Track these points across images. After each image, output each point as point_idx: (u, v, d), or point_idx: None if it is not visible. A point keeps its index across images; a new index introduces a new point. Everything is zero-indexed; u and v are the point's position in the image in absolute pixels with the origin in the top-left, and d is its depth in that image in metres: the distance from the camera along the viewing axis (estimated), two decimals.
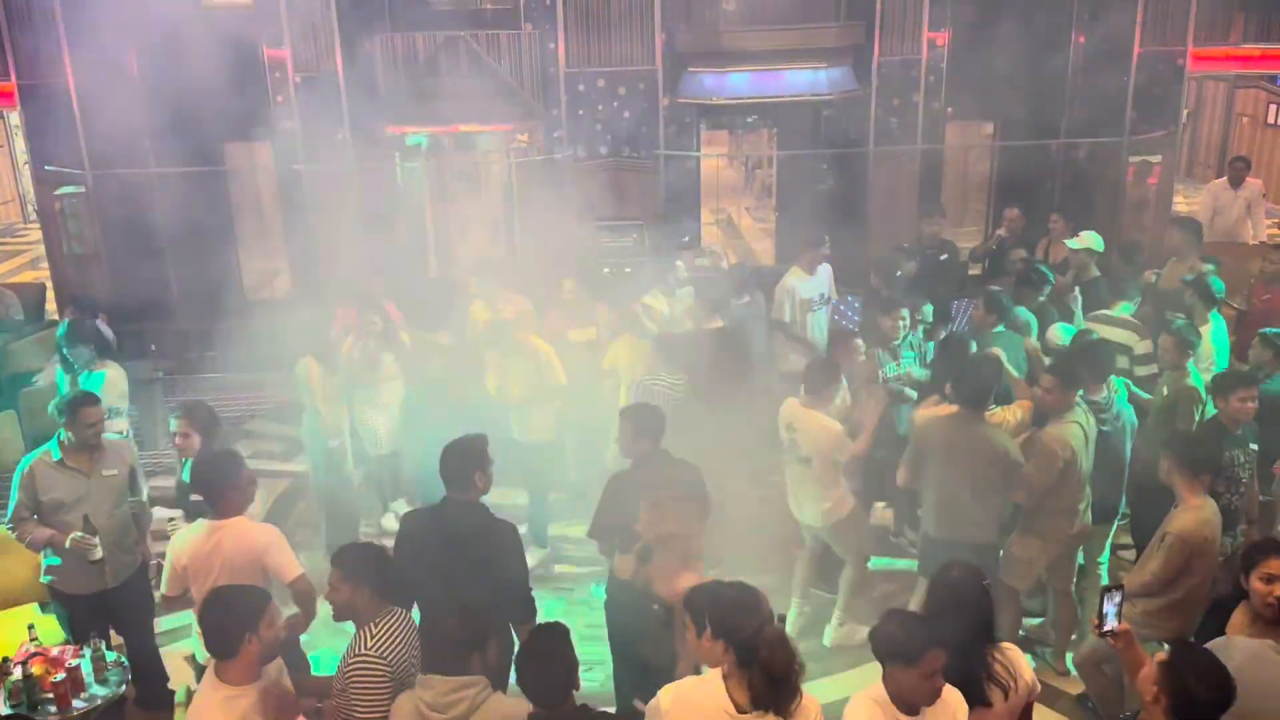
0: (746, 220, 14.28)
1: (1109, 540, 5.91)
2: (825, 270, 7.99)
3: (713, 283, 7.63)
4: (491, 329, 7.06)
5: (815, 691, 3.61)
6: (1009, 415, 5.65)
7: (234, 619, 3.52)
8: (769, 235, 12.05)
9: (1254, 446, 5.39)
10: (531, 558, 5.78)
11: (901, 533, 7.03)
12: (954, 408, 5.32)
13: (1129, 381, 6.18)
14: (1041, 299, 7.04)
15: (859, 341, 6.51)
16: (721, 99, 9.65)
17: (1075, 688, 5.47)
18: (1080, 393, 5.43)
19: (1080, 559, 5.76)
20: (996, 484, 5.22)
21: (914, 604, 5.20)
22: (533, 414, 6.83)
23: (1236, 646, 3.54)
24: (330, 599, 3.90)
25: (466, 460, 4.44)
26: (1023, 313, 6.78)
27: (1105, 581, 5.59)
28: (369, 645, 3.78)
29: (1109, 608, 3.65)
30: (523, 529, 6.25)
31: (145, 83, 9.18)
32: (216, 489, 4.51)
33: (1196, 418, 5.77)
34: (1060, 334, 6.70)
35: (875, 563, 6.41)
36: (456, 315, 7.83)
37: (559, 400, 6.86)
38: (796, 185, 10.61)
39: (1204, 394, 5.78)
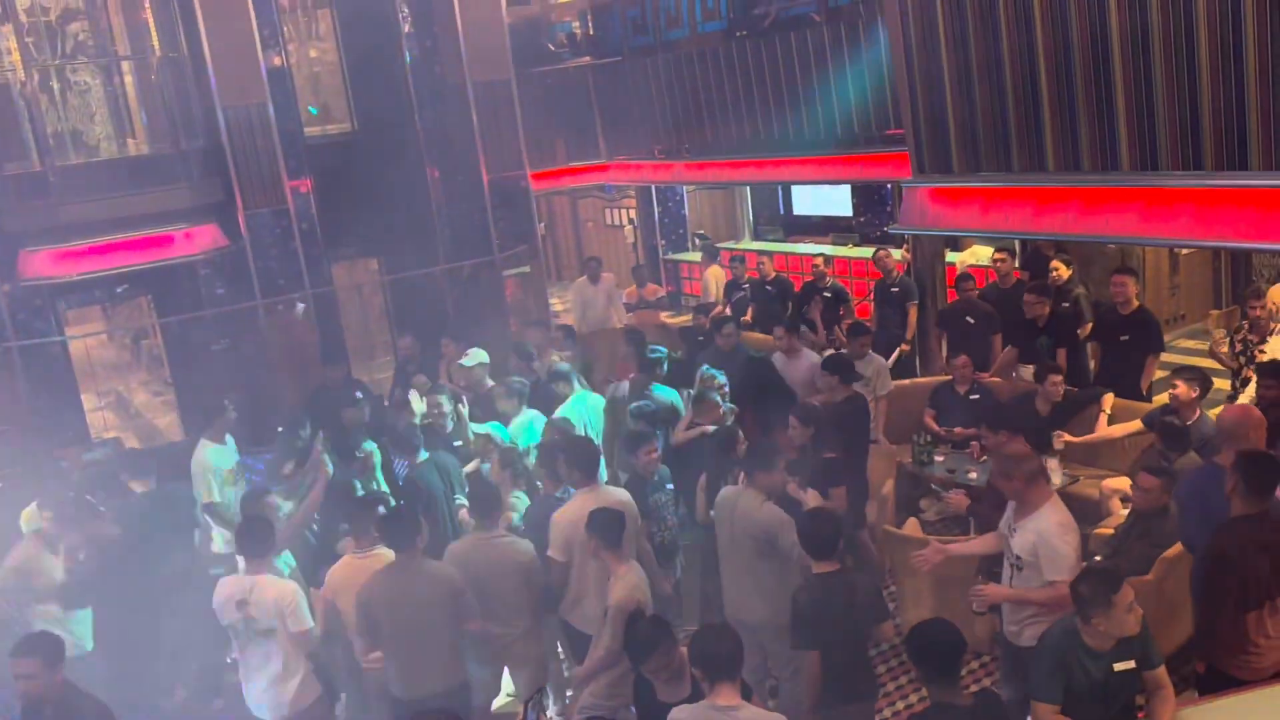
0: (142, 395, 12.97)
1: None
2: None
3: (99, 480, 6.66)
4: None
5: None
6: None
7: None
8: (171, 409, 11.07)
9: (669, 486, 6.05)
10: None
11: None
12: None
13: None
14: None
15: None
16: (72, 275, 8.70)
17: None
18: None
19: None
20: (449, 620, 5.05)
21: None
22: None
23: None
24: None
25: None
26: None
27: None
28: None
29: (531, 713, 3.81)
30: None
31: None
32: None
33: None
34: (495, 432, 6.95)
35: None
36: None
37: None
38: (190, 350, 9.92)
39: None
